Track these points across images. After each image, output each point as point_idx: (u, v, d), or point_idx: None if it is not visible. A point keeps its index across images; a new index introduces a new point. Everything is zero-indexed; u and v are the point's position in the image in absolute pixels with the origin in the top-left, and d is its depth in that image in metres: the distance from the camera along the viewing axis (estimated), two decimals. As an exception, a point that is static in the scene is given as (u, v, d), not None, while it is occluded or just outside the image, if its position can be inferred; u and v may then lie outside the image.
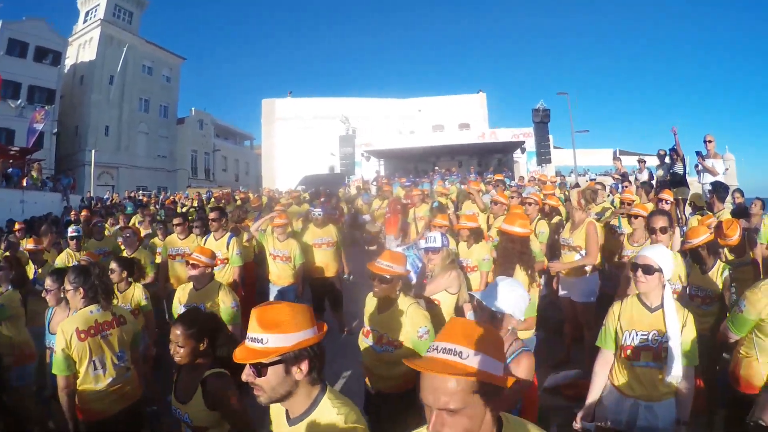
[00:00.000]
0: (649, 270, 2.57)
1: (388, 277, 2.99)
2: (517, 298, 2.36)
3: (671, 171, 9.48)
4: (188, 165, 40.25)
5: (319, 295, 6.55)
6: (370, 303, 3.23)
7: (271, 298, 6.18)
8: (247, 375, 1.58)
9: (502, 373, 1.26)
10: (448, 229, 5.95)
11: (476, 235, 5.34)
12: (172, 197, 18.56)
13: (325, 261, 6.55)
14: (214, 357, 2.59)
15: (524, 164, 24.39)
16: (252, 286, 6.97)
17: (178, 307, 4.21)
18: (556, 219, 6.87)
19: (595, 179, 13.84)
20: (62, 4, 71.73)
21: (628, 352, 2.62)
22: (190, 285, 4.26)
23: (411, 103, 40.80)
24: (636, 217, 4.81)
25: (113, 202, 18.25)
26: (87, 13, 35.50)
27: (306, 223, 7.20)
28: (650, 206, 6.11)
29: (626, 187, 9.34)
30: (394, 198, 10.70)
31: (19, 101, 28.01)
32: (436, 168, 21.27)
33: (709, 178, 8.22)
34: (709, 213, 6.37)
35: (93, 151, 28.96)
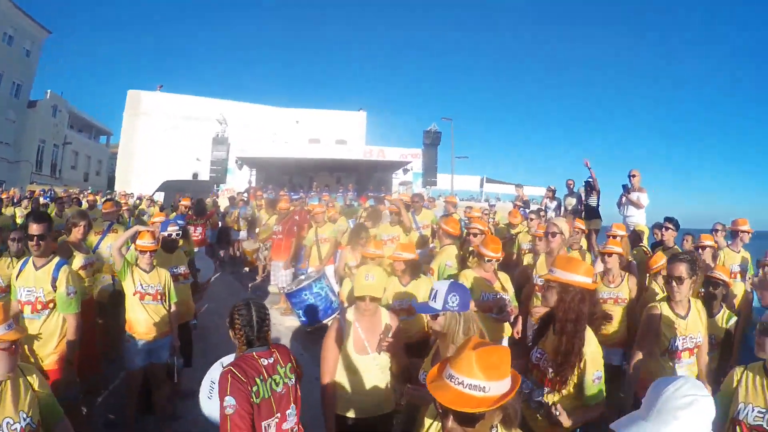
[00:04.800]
0: None
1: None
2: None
3: (585, 203, 9.30)
4: (34, 157, 32.79)
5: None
6: None
7: (132, 358, 4.12)
8: None
9: None
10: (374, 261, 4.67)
11: (413, 267, 4.30)
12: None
13: (181, 299, 4.63)
14: None
15: (396, 186, 23.52)
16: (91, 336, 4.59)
17: None
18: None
19: (494, 205, 13.09)
20: None
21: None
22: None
23: (288, 113, 38.73)
24: (610, 255, 4.32)
25: None
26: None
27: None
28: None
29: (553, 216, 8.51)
30: (298, 212, 8.60)
31: None
32: (314, 182, 19.42)
33: (632, 211, 8.10)
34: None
35: None
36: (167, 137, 34.29)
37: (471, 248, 5.50)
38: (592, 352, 2.42)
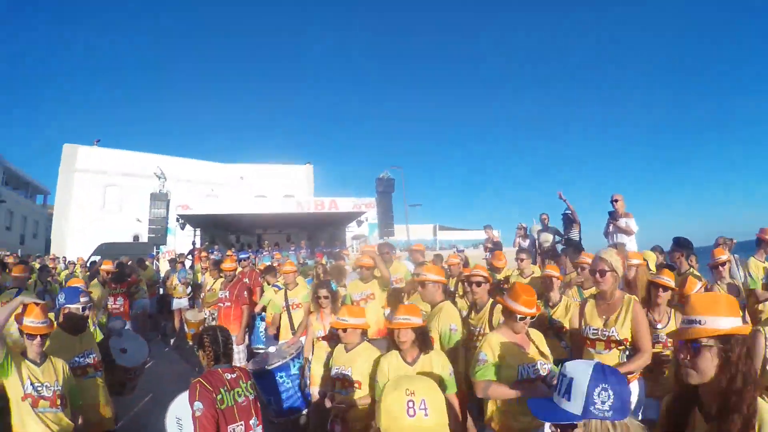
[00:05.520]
0: None
1: None
2: None
3: (567, 238, 8.79)
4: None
5: None
6: None
7: None
8: None
9: None
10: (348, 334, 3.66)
11: (422, 338, 3.11)
12: None
13: (92, 402, 3.50)
14: None
15: (350, 241, 22.39)
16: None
17: None
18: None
19: (463, 250, 12.32)
20: None
21: None
22: None
23: (232, 168, 37.41)
24: (665, 289, 3.90)
25: None
26: None
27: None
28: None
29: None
30: (248, 273, 7.42)
31: None
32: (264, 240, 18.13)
33: (623, 239, 7.43)
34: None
35: None
36: (105, 196, 32.14)
37: (474, 298, 4.50)
38: None
